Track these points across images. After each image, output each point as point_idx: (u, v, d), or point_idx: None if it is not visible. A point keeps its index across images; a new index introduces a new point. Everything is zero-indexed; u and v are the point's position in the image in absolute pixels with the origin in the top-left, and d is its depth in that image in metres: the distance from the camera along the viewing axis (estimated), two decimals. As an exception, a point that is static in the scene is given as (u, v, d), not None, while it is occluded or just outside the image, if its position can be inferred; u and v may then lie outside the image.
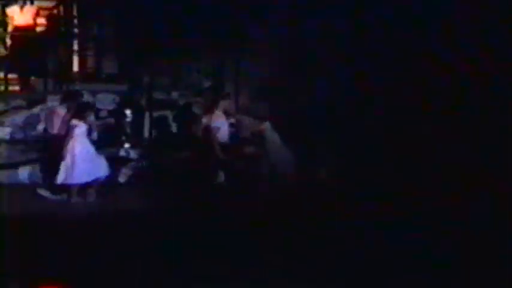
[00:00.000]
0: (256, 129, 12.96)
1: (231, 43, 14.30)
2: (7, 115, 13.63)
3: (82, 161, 11.72)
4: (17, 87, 14.55)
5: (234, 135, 13.20)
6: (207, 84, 14.67)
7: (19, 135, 13.28)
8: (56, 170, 11.75)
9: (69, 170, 11.69)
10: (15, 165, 12.88)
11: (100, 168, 11.90)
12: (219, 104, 12.76)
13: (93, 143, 12.17)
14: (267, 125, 12.64)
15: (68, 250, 8.63)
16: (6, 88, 14.46)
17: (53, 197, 11.88)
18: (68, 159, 11.69)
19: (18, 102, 13.83)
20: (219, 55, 14.56)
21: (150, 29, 14.33)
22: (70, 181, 11.71)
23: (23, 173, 12.87)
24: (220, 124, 12.56)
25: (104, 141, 12.89)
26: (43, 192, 12.01)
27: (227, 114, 12.93)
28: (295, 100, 13.67)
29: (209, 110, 12.93)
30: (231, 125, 13.23)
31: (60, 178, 11.69)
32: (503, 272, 8.07)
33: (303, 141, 12.76)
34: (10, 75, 14.53)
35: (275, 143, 12.52)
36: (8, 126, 13.41)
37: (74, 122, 11.81)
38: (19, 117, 13.44)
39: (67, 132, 11.87)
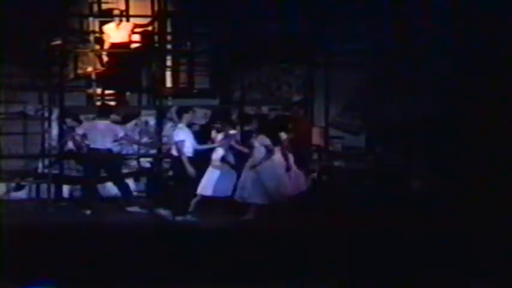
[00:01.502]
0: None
1: (320, 56, 14.37)
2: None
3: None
4: (112, 103, 14.89)
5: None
6: (297, 98, 14.72)
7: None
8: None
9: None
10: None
11: None
12: (183, 117, 12.33)
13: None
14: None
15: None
16: (103, 103, 14.83)
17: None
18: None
19: (114, 117, 14.16)
20: (309, 69, 14.60)
21: (241, 44, 14.51)
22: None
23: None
24: (185, 137, 12.10)
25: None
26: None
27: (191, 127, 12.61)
28: (384, 112, 13.67)
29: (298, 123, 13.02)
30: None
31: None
32: None
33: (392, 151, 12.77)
34: (106, 91, 14.90)
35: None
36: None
37: (262, 138, 11.96)
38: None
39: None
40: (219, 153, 12.50)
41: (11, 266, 7.82)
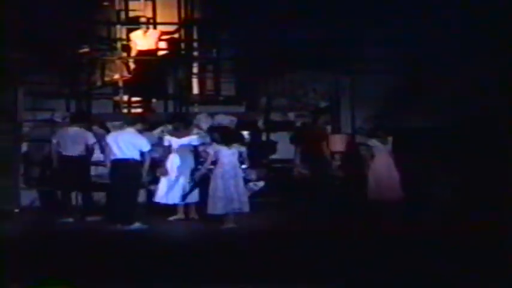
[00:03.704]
0: None
1: (347, 62, 14.36)
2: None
3: None
4: (139, 110, 14.94)
5: None
6: (323, 104, 14.70)
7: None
8: None
9: None
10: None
11: None
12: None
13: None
14: None
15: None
16: (129, 111, 14.90)
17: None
18: None
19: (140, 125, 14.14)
20: (335, 75, 14.60)
21: (267, 51, 14.53)
22: None
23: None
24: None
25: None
26: None
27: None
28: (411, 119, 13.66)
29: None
30: None
31: None
32: None
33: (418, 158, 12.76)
34: (133, 98, 14.95)
35: None
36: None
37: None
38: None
39: None
40: (175, 159, 12.38)
41: None
